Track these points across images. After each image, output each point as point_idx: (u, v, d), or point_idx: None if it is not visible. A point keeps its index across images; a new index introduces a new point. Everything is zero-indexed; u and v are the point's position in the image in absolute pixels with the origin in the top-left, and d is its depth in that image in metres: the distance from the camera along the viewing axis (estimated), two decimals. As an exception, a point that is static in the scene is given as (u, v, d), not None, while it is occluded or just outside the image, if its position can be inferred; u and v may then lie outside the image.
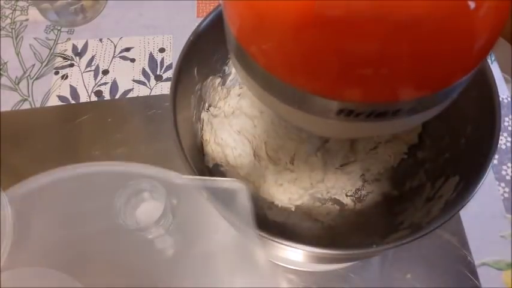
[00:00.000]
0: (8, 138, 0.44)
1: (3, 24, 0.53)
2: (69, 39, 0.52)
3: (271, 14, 0.14)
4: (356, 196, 0.38)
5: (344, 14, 0.13)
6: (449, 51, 0.14)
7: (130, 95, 0.48)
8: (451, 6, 0.13)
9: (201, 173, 0.27)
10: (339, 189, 0.38)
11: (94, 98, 0.48)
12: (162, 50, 0.51)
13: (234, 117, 0.37)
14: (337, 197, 0.38)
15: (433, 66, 0.14)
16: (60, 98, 0.47)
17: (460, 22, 0.14)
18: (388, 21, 0.13)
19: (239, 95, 0.39)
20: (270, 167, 0.37)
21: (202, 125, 0.37)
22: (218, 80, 0.36)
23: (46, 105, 0.47)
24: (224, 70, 0.37)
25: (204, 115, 0.36)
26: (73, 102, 0.47)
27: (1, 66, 0.49)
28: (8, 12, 0.54)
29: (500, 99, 0.34)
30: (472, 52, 0.15)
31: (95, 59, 0.50)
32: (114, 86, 0.48)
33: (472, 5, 0.13)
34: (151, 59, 0.50)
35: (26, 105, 0.47)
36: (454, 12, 0.13)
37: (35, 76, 0.49)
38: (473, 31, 0.14)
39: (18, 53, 0.50)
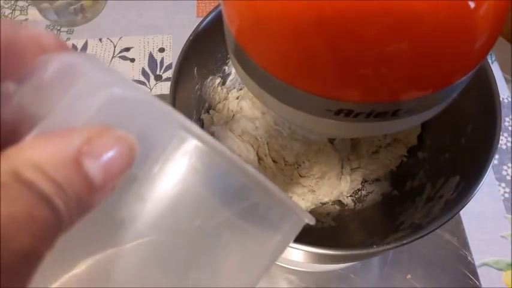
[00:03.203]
0: (7, 138, 0.44)
1: (3, 24, 0.53)
2: (68, 39, 0.51)
3: (270, 14, 0.14)
4: (356, 196, 0.38)
5: (343, 14, 0.13)
6: (449, 50, 0.14)
7: (130, 95, 0.48)
8: (451, 6, 0.13)
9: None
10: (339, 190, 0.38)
11: (94, 98, 0.48)
12: (161, 50, 0.51)
13: (234, 122, 0.37)
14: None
15: (433, 65, 0.14)
16: (60, 98, 0.47)
17: (460, 21, 0.14)
18: (388, 21, 0.13)
19: (237, 98, 0.39)
20: (279, 175, 0.37)
21: (203, 127, 0.36)
22: (218, 80, 0.36)
23: (46, 105, 0.47)
24: (224, 70, 0.36)
25: (204, 117, 0.36)
26: (73, 102, 0.47)
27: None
28: (7, 12, 0.54)
29: (501, 99, 0.34)
30: (472, 51, 0.15)
31: (94, 59, 0.50)
32: (114, 86, 0.48)
33: (472, 4, 0.13)
34: (151, 58, 0.50)
35: (25, 105, 0.47)
36: (454, 11, 0.13)
37: (35, 76, 0.49)
38: (473, 30, 0.14)
39: (18, 53, 0.50)
